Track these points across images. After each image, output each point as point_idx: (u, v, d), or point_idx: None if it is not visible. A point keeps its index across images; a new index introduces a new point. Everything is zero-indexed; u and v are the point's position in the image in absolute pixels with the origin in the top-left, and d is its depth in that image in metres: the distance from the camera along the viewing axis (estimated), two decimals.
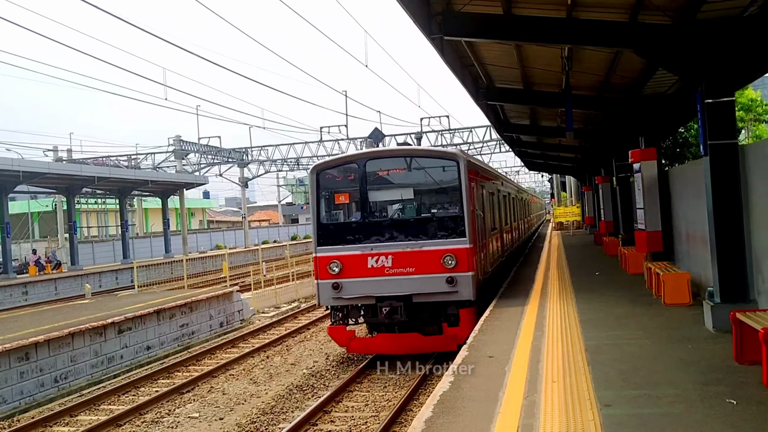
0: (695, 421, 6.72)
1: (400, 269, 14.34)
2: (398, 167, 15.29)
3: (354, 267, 14.55)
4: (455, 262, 14.10)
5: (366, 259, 14.48)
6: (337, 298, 14.72)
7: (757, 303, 10.46)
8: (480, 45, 16.21)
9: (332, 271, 14.63)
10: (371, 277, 14.43)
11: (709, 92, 10.77)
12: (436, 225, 14.64)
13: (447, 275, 14.10)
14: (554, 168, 53.66)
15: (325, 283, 14.77)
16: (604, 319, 12.60)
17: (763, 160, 10.29)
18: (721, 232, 10.83)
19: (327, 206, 15.48)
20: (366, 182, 14.95)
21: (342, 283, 14.58)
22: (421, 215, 14.89)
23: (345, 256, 14.67)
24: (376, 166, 15.26)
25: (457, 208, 14.62)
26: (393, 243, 14.47)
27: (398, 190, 15.26)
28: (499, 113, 27.72)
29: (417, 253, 14.33)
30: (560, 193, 69.74)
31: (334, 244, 14.86)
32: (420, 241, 14.40)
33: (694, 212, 14.36)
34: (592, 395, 7.73)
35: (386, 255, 14.39)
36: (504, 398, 7.91)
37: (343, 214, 15.60)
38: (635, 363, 9.17)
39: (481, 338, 11.65)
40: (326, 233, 15.08)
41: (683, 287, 13.62)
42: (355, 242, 14.72)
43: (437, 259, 14.21)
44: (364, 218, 14.90)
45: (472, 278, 14.24)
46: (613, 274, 20.10)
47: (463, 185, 14.48)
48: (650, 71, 15.80)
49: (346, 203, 15.56)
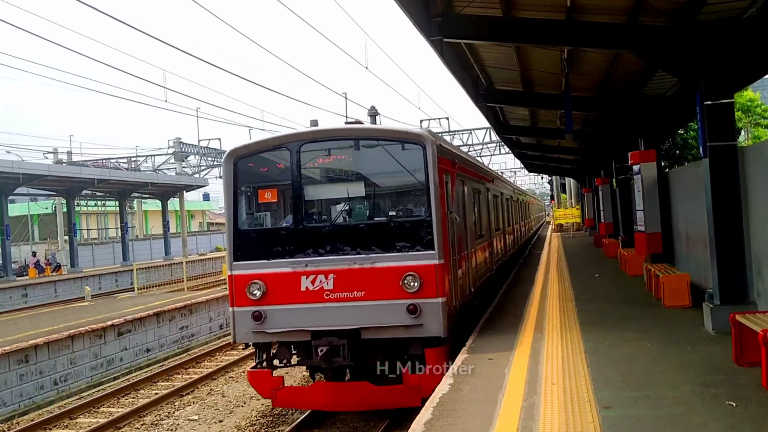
0: (695, 424, 6.71)
1: (344, 293, 10.71)
2: (345, 154, 11.66)
3: (282, 290, 10.93)
4: (419, 284, 10.46)
5: (299, 280, 10.84)
6: (258, 333, 11.06)
7: (757, 305, 10.45)
8: (480, 47, 16.22)
9: (252, 295, 10.99)
10: (305, 303, 10.80)
11: (709, 94, 10.78)
12: (394, 233, 10.88)
13: (408, 302, 10.44)
14: (554, 170, 53.66)
15: (243, 312, 11.08)
16: (603, 320, 12.59)
17: (762, 161, 10.30)
18: (720, 233, 10.83)
19: (248, 206, 11.98)
20: (301, 174, 11.28)
21: (266, 311, 10.94)
22: (375, 219, 11.15)
23: (270, 275, 11.01)
24: (315, 151, 11.55)
25: (424, 209, 10.91)
26: (336, 257, 10.83)
27: (344, 185, 11.53)
28: (499, 115, 27.73)
29: (368, 271, 10.69)
30: (560, 195, 69.74)
31: (256, 258, 11.18)
32: (373, 255, 10.75)
33: (693, 214, 14.35)
34: (592, 397, 7.72)
35: (326, 274, 10.77)
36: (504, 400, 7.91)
37: (269, 218, 12.05)
38: (635, 365, 9.17)
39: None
40: (246, 243, 11.41)
41: (683, 289, 13.61)
42: (285, 255, 11.04)
43: (395, 279, 10.58)
44: (297, 223, 11.17)
45: (443, 306, 10.55)
46: (613, 276, 20.09)
47: (431, 179, 10.76)
48: (649, 73, 15.81)
49: (274, 202, 11.92)
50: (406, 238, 10.83)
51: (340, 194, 11.56)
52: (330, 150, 11.57)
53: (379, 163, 11.56)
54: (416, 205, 11.28)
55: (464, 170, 14.23)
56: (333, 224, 11.27)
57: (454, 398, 8.21)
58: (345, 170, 11.74)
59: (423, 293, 10.49)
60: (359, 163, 11.65)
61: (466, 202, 14.05)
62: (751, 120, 32.43)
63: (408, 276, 10.53)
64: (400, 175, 11.43)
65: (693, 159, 27.82)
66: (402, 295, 10.55)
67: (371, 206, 11.37)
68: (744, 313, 8.95)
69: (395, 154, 11.24)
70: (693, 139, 28.71)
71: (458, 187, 13.06)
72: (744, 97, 31.06)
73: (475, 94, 20.53)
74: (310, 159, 11.49)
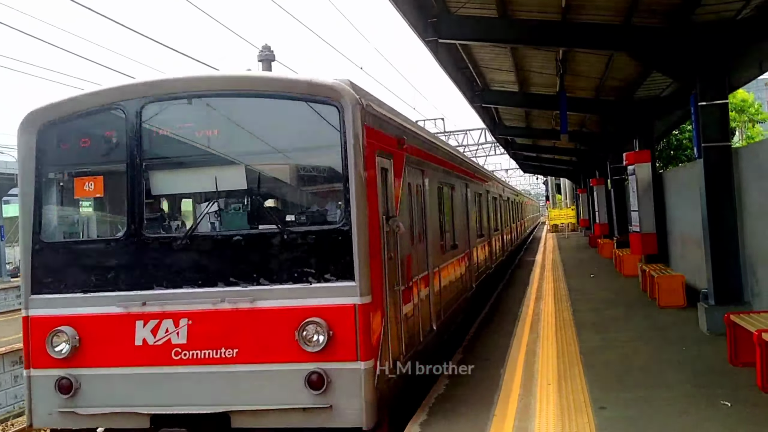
0: (690, 424, 6.73)
1: (206, 352, 6.65)
2: (214, 120, 7.17)
3: (105, 344, 6.90)
4: (327, 338, 6.43)
5: (131, 327, 6.80)
6: (67, 414, 6.90)
7: (752, 305, 10.48)
8: (475, 48, 16.24)
9: (56, 352, 6.88)
10: (142, 367, 6.76)
11: (703, 94, 10.81)
12: (290, 251, 6.75)
13: (309, 368, 6.46)
14: (549, 170, 53.75)
15: (43, 378, 6.99)
16: (598, 321, 12.61)
17: (756, 162, 10.33)
18: (715, 234, 10.85)
19: (58, 204, 7.62)
20: (141, 151, 7.02)
21: (78, 378, 6.85)
22: (260, 228, 6.98)
23: (86, 318, 6.93)
24: (165, 114, 7.19)
25: (338, 212, 6.84)
26: (193, 291, 6.77)
27: (211, 171, 7.12)
28: (494, 116, 27.77)
29: (245, 315, 6.68)
30: (555, 196, 69.85)
31: (66, 291, 7.06)
32: (253, 288, 6.72)
33: (688, 214, 14.39)
34: (587, 397, 7.73)
35: (176, 318, 6.71)
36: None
37: (91, 224, 7.93)
38: (630, 365, 9.18)
39: None
40: (50, 265, 7.17)
41: (678, 289, 13.65)
42: (110, 287, 6.96)
43: (288, 329, 6.52)
44: (133, 233, 6.95)
45: (367, 376, 6.49)
46: (608, 276, 20.11)
47: (351, 162, 6.64)
48: (644, 74, 15.85)
49: (99, 198, 7.53)
50: (308, 261, 6.65)
51: (204, 186, 7.23)
52: (190, 114, 7.16)
53: (269, 134, 7.23)
54: (328, 206, 7.13)
55: (422, 155, 10.02)
56: (190, 235, 6.95)
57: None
58: (213, 147, 7.13)
59: (334, 353, 6.42)
60: (236, 136, 7.22)
61: (427, 202, 9.95)
62: (746, 119, 32.62)
63: (309, 324, 6.45)
64: (303, 154, 7.27)
65: (687, 160, 27.91)
66: (299, 356, 6.44)
67: (254, 206, 7.11)
68: (739, 314, 8.98)
69: (295, 120, 6.94)
70: (687, 140, 28.82)
71: (409, 178, 8.81)
72: (737, 97, 31.22)
73: (470, 94, 20.55)
74: (157, 125, 7.07)
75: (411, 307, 8.42)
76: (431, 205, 10.33)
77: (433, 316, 9.76)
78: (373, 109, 7.32)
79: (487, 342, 11.38)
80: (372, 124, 7.12)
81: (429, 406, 7.89)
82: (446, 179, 12.09)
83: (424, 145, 10.38)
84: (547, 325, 12.41)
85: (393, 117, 8.48)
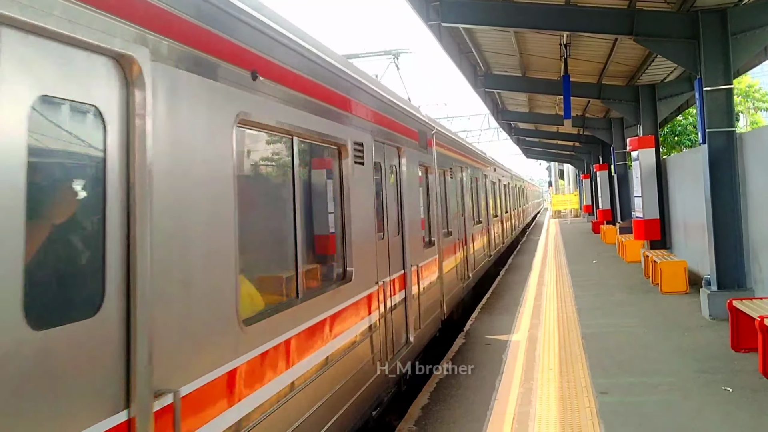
0: (691, 409, 6.73)
1: None
2: None
3: None
4: None
5: None
6: None
7: (754, 291, 10.47)
8: (478, 32, 16.13)
9: None
10: None
11: (709, 80, 10.73)
12: None
13: None
14: (552, 156, 53.59)
15: None
16: (601, 307, 12.61)
17: (760, 147, 10.27)
18: (718, 220, 10.83)
19: None
20: None
21: None
22: None
23: None
24: None
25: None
26: None
27: None
28: (497, 101, 27.66)
29: None
30: (558, 181, 69.73)
31: None
32: None
33: (691, 200, 14.34)
34: (588, 382, 7.74)
35: None
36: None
37: None
38: (632, 350, 9.18)
39: None
40: None
41: (680, 275, 13.64)
42: None
43: None
44: None
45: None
46: (611, 262, 20.10)
47: None
48: (649, 58, 15.74)
49: None
50: None
51: None
52: None
53: None
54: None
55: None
56: None
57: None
58: None
59: None
60: None
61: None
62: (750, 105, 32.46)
63: None
64: None
65: (692, 146, 27.80)
66: None
67: None
68: (741, 299, 8.97)
69: None
70: (692, 125, 28.70)
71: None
72: (743, 83, 31.05)
73: (473, 79, 20.45)
74: None
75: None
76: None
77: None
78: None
79: (488, 327, 11.38)
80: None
81: (429, 391, 7.95)
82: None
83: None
84: (548, 310, 12.41)
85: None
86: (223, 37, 3.89)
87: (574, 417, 6.65)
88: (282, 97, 4.62)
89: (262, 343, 4.13)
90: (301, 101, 4.95)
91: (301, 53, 5.03)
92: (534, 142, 41.36)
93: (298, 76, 4.98)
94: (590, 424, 6.42)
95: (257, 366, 4.05)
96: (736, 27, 10.72)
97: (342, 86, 6.08)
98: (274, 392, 4.24)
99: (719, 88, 10.68)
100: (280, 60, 4.66)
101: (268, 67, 4.46)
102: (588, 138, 31.22)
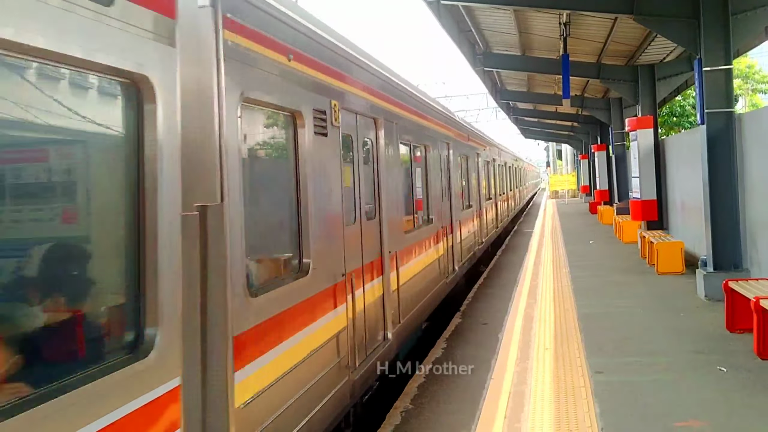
0: (686, 389, 6.77)
1: None
2: None
3: None
4: None
5: None
6: None
7: (750, 272, 10.50)
8: (477, 10, 15.99)
9: None
10: None
11: (708, 60, 10.66)
12: None
13: None
14: (551, 136, 53.49)
15: None
16: (597, 287, 12.64)
17: (759, 129, 10.24)
18: (715, 201, 10.82)
19: None
20: None
21: None
22: None
23: None
24: None
25: None
26: None
27: None
28: (496, 80, 27.53)
29: None
30: (556, 161, 69.65)
31: None
32: None
33: (689, 181, 14.32)
34: (584, 362, 7.77)
35: None
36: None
37: None
38: (627, 331, 9.22)
39: None
40: None
41: (677, 256, 13.66)
42: None
43: None
44: None
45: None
46: (608, 243, 20.13)
47: None
48: (649, 38, 15.64)
49: None
50: None
51: None
52: None
53: None
54: None
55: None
56: None
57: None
58: None
59: None
60: None
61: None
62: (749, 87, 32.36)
63: None
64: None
65: (690, 127, 27.74)
66: None
67: None
68: (737, 280, 8.99)
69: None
70: (691, 106, 28.61)
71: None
72: (743, 63, 30.91)
73: (472, 58, 20.33)
74: None
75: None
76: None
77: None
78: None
79: (485, 307, 11.42)
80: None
81: (426, 370, 7.95)
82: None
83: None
84: (545, 290, 12.44)
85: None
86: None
87: (569, 396, 6.69)
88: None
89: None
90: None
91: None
92: (533, 122, 41.25)
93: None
94: (585, 402, 6.45)
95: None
96: (737, 6, 10.63)
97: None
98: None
99: (719, 68, 10.61)
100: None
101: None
102: (586, 118, 31.12)
